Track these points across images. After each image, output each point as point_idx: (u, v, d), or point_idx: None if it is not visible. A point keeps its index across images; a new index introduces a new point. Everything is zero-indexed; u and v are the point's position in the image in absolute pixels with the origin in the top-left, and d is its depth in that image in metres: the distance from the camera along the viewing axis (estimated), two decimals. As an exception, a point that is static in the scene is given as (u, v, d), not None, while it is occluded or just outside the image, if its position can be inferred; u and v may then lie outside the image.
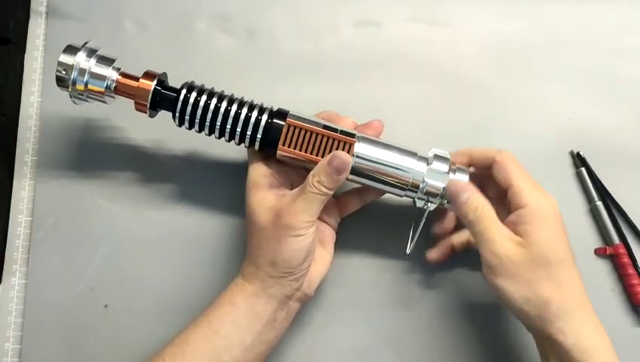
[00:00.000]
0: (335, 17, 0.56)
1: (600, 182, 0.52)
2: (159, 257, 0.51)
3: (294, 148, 0.43)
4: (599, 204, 0.51)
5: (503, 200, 0.44)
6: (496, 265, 0.40)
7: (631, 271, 0.50)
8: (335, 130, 0.43)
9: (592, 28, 0.55)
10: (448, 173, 0.44)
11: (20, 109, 0.53)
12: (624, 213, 0.51)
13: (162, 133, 0.52)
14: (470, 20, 0.56)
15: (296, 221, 0.41)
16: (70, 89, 0.44)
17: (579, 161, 0.52)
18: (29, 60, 0.54)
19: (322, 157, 0.43)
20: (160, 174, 0.52)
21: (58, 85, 0.44)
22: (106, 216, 0.51)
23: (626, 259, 0.50)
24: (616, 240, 0.50)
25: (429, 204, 0.44)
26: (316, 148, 0.43)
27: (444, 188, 0.43)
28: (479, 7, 0.56)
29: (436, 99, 0.54)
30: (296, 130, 0.43)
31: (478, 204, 0.42)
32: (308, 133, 0.43)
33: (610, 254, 0.50)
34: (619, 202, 0.51)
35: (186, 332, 0.43)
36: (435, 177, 0.43)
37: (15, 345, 0.49)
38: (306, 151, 0.43)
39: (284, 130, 0.43)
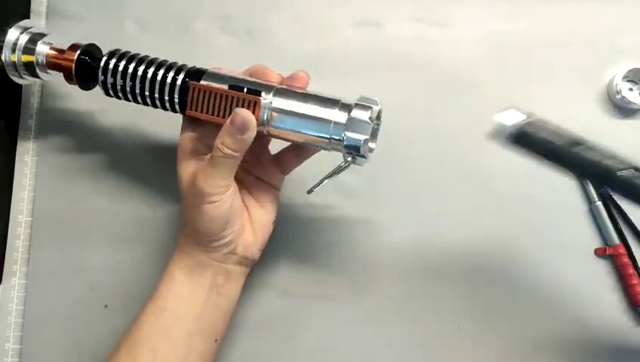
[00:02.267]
0: (335, 17, 0.56)
1: (600, 182, 0.52)
2: (159, 257, 0.50)
3: (201, 112, 0.41)
4: (599, 204, 0.51)
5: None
6: None
7: (631, 271, 0.49)
8: (241, 88, 0.40)
9: (592, 28, 0.55)
10: (372, 122, 0.39)
11: (20, 110, 0.54)
12: (624, 213, 0.51)
13: (163, 133, 0.52)
14: (470, 20, 0.55)
15: (207, 186, 0.39)
16: (5, 65, 0.46)
17: (579, 161, 0.52)
18: (29, 60, 0.54)
19: None
20: (160, 173, 0.52)
21: None
22: (106, 216, 0.51)
23: (625, 259, 0.50)
24: (616, 240, 0.50)
25: (356, 158, 0.39)
26: (222, 109, 0.40)
27: (365, 140, 0.38)
28: (479, 7, 0.56)
29: (436, 99, 0.54)
30: (201, 92, 0.41)
31: None
32: (212, 95, 0.41)
33: (610, 254, 0.50)
34: (619, 202, 0.51)
35: (137, 318, 0.42)
36: (354, 127, 0.38)
37: (15, 345, 0.49)
38: (212, 114, 0.41)
39: (190, 92, 0.41)
